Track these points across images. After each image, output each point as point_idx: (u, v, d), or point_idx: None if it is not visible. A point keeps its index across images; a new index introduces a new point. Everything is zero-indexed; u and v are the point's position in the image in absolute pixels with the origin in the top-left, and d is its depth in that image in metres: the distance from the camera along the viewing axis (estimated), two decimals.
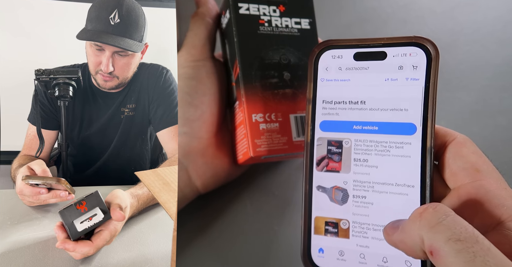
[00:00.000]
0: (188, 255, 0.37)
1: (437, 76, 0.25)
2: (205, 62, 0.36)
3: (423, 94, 0.25)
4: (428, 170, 0.25)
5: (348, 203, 0.27)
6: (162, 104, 1.09)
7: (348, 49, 0.27)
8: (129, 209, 0.72)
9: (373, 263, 0.26)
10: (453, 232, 0.19)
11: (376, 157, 0.26)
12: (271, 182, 0.41)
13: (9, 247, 0.67)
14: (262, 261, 0.38)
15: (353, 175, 0.27)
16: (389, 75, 0.26)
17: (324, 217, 0.27)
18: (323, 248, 0.27)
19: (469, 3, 0.47)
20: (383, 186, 0.26)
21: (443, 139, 0.26)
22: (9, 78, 1.52)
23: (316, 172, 0.28)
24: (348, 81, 0.27)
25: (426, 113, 0.25)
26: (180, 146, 0.35)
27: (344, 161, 0.27)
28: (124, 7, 0.98)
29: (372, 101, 0.27)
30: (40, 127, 1.02)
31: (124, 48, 0.97)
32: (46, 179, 0.76)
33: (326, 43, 0.28)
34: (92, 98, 1.10)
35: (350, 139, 0.27)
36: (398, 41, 0.26)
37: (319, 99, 0.28)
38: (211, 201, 0.39)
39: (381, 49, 0.27)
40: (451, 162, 0.25)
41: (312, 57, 0.28)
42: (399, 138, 0.26)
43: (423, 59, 0.26)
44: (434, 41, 0.26)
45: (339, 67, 0.28)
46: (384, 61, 0.27)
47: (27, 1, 1.52)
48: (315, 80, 0.28)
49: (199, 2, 0.37)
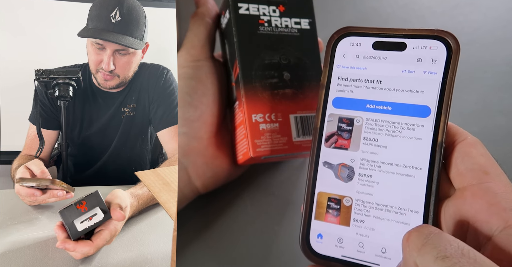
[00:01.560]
0: (188, 255, 0.37)
1: (455, 71, 0.25)
2: (204, 62, 0.36)
3: (439, 88, 0.25)
4: (438, 154, 0.25)
5: (353, 181, 0.26)
6: (162, 104, 1.09)
7: (368, 37, 0.27)
8: (129, 209, 0.72)
9: (371, 252, 0.25)
10: (439, 250, 0.19)
11: (387, 137, 0.26)
12: (271, 182, 0.41)
13: (9, 247, 0.66)
14: (262, 261, 0.38)
15: (361, 154, 0.27)
16: (407, 67, 0.26)
17: (327, 192, 0.27)
18: (322, 233, 0.27)
19: (469, 3, 0.47)
20: (390, 166, 0.26)
21: (453, 138, 0.25)
22: (9, 78, 1.52)
23: (324, 148, 0.27)
24: (365, 70, 0.27)
25: (441, 101, 0.25)
26: (180, 146, 0.35)
27: (354, 139, 0.27)
28: (125, 5, 0.98)
29: (389, 81, 0.26)
30: (40, 127, 1.02)
31: (125, 45, 0.97)
32: (40, 180, 0.75)
33: (346, 29, 0.28)
34: (92, 98, 1.10)
35: (362, 118, 0.27)
36: (420, 33, 0.26)
37: (335, 76, 0.28)
38: (211, 201, 0.39)
39: (401, 40, 0.26)
40: (459, 162, 0.24)
41: (331, 42, 0.28)
42: (412, 120, 0.26)
43: (443, 53, 0.25)
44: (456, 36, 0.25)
45: (357, 54, 0.27)
46: (403, 52, 0.26)
47: (27, 1, 1.52)
48: (331, 66, 0.28)
49: (199, 2, 0.37)
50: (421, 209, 0.25)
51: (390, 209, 0.25)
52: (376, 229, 0.26)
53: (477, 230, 0.22)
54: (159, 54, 1.33)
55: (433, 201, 0.24)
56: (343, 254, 0.26)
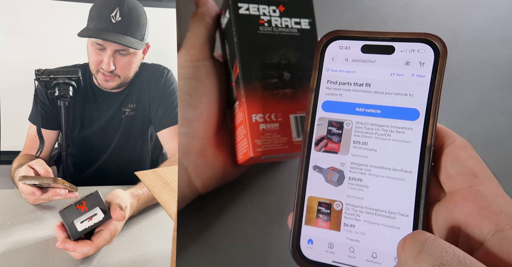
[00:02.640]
0: (188, 255, 0.37)
1: (443, 74, 0.25)
2: (204, 62, 0.36)
3: (427, 91, 0.25)
4: (427, 157, 0.25)
5: (344, 185, 0.26)
6: (162, 104, 1.09)
7: (357, 41, 0.27)
8: (129, 209, 0.72)
9: (362, 257, 0.25)
10: (435, 258, 0.19)
11: (376, 141, 0.26)
12: (271, 182, 0.41)
13: (9, 247, 0.67)
14: (262, 261, 0.38)
15: (351, 157, 0.27)
16: (395, 70, 0.26)
17: (317, 197, 0.27)
18: (312, 239, 0.26)
19: (469, 2, 0.47)
20: (380, 170, 0.26)
21: (442, 141, 0.25)
22: (9, 78, 1.52)
23: (314, 152, 0.27)
24: (354, 73, 0.27)
25: (430, 103, 0.25)
26: (180, 146, 0.35)
27: (344, 142, 0.27)
28: (125, 5, 0.99)
29: (377, 84, 0.27)
30: (40, 127, 1.02)
31: (125, 45, 0.97)
32: (43, 179, 0.76)
33: (334, 33, 0.28)
34: (92, 97, 1.10)
35: (351, 121, 0.27)
36: (408, 36, 0.26)
37: (324, 80, 0.28)
38: (211, 201, 0.39)
39: (389, 43, 0.26)
40: (448, 165, 0.24)
41: (319, 46, 0.28)
42: (401, 123, 0.26)
43: (431, 56, 0.25)
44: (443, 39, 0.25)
45: (346, 58, 0.27)
46: (391, 55, 0.26)
47: (27, 1, 1.52)
48: (320, 70, 0.28)
49: (199, 2, 0.37)
50: (411, 213, 0.25)
51: (380, 213, 0.25)
52: (366, 234, 0.26)
53: (469, 234, 0.22)
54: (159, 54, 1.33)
55: (423, 205, 0.24)
56: (333, 260, 0.26)
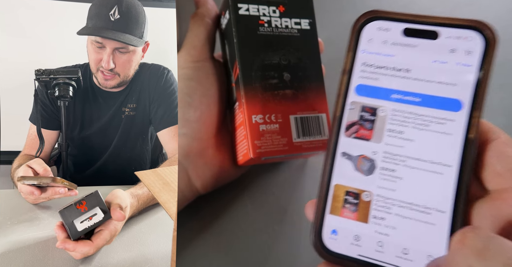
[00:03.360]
0: (188, 255, 0.37)
1: (492, 65, 0.24)
2: (204, 63, 0.36)
3: (473, 82, 0.24)
4: (470, 151, 0.23)
5: (374, 174, 0.25)
6: (162, 104, 1.09)
7: (398, 23, 0.25)
8: (129, 209, 0.72)
9: (391, 253, 0.23)
10: (507, 257, 0.17)
11: (413, 131, 0.24)
12: (271, 182, 0.41)
13: (9, 247, 0.67)
14: (262, 261, 0.38)
15: (384, 146, 0.25)
16: (438, 57, 0.25)
17: (345, 185, 0.25)
18: (337, 229, 0.24)
19: (469, 3, 0.47)
20: (416, 161, 0.24)
21: (485, 135, 0.24)
22: (9, 78, 1.52)
23: (343, 137, 0.25)
24: (392, 57, 0.25)
25: (475, 96, 0.24)
26: (180, 147, 0.35)
27: (377, 130, 0.25)
28: (124, 3, 0.99)
29: (418, 71, 0.25)
30: (40, 127, 1.02)
31: (124, 42, 0.98)
32: (42, 178, 0.76)
33: (373, 12, 0.26)
34: (93, 97, 1.10)
35: (386, 108, 0.25)
36: (455, 22, 0.24)
37: (359, 62, 0.26)
38: (211, 201, 0.39)
39: (434, 28, 0.25)
40: (495, 161, 0.23)
41: (356, 26, 0.26)
42: (442, 113, 0.24)
43: (479, 46, 0.24)
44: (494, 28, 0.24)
45: (385, 40, 0.26)
46: (435, 41, 0.25)
47: (27, 1, 1.52)
48: (354, 51, 0.26)
49: (199, 3, 0.37)
50: (448, 209, 0.23)
51: (414, 207, 0.24)
52: (397, 228, 0.24)
53: None
54: (159, 54, 1.33)
55: (463, 201, 0.23)
56: (359, 253, 0.24)
